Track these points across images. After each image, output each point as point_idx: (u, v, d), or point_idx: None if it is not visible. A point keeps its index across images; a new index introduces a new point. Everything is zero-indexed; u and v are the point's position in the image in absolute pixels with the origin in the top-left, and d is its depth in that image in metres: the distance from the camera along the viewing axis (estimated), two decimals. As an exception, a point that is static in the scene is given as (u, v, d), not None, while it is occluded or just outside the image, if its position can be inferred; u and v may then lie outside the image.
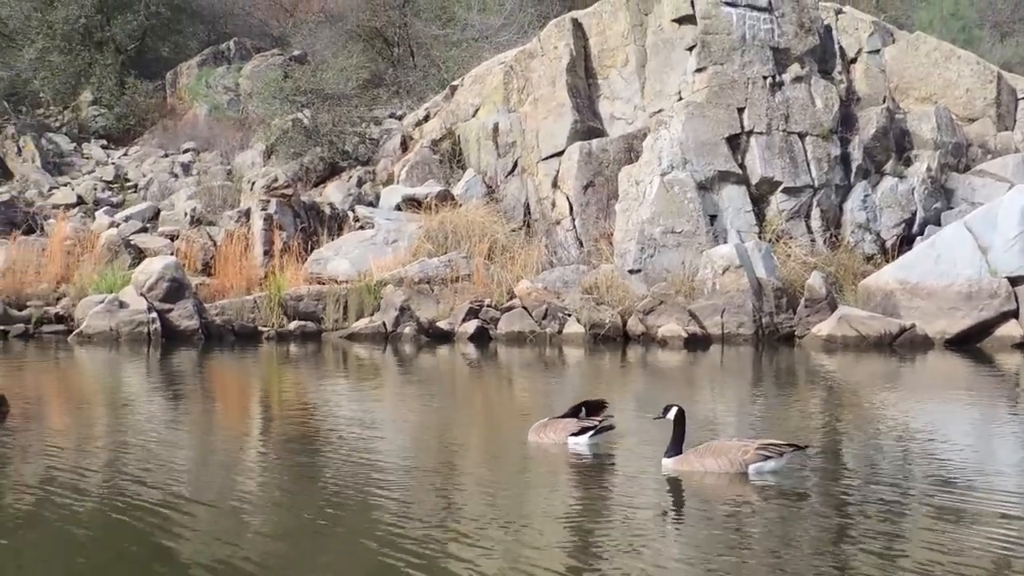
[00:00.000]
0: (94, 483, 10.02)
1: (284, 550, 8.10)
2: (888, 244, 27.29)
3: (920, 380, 20.38)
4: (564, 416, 11.98)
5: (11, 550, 8.07)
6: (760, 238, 26.07)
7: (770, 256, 25.12)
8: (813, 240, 27.00)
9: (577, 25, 30.07)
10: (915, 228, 27.50)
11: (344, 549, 8.16)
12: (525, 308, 24.78)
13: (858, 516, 9.09)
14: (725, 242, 25.59)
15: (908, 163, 28.36)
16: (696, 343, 23.75)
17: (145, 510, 9.01)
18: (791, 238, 26.69)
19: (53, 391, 17.28)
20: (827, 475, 10.81)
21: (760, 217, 26.88)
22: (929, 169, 27.98)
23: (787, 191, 27.08)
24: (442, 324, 24.78)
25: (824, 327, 23.70)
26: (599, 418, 11.82)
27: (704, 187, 26.55)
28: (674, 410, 10.72)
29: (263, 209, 27.12)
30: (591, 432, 11.61)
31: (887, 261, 26.15)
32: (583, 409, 12.01)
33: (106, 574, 7.70)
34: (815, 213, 27.17)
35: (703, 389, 18.53)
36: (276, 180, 27.93)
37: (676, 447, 10.58)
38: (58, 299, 25.30)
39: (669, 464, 10.50)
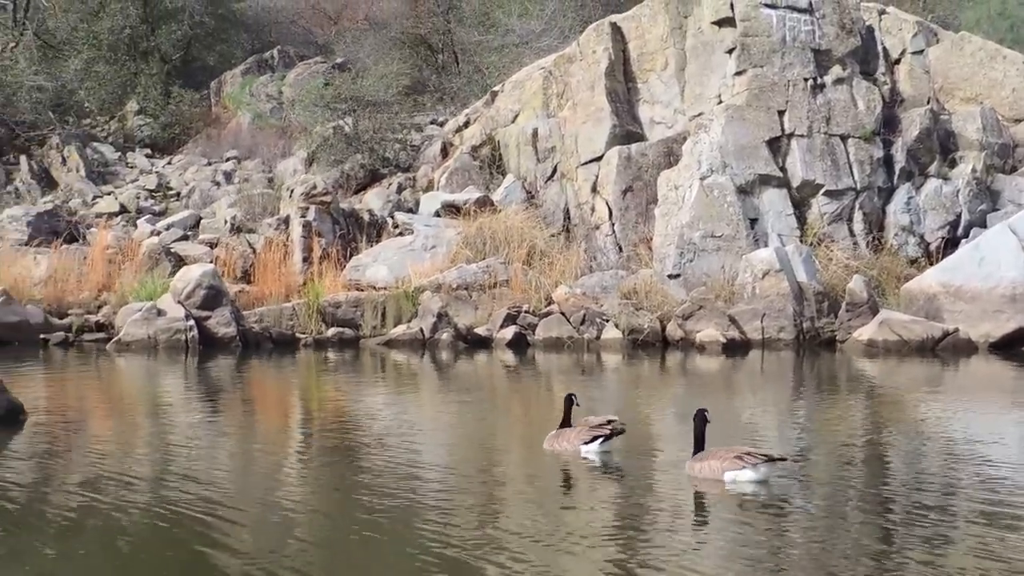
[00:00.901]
0: (137, 491, 10.06)
1: (327, 558, 8.15)
2: (932, 247, 26.91)
3: (963, 385, 20.13)
4: (565, 412, 12.05)
5: (58, 557, 8.12)
6: (801, 242, 25.80)
7: (811, 260, 24.86)
8: (855, 243, 26.68)
9: (616, 29, 29.92)
10: (960, 230, 27.09)
11: (387, 557, 8.17)
12: (563, 314, 24.65)
13: (902, 522, 9.02)
14: (766, 246, 25.34)
15: (953, 164, 27.97)
16: (735, 348, 23.50)
17: (189, 518, 9.05)
18: (833, 241, 26.40)
19: (90, 399, 17.33)
20: (871, 481, 10.74)
21: (801, 220, 26.59)
22: (974, 170, 27.58)
23: (829, 194, 26.79)
24: (480, 330, 24.68)
25: (865, 331, 23.41)
26: (610, 425, 11.73)
27: (744, 191, 26.30)
28: (696, 413, 10.82)
29: (302, 216, 27.14)
30: (601, 440, 11.54)
31: (931, 264, 25.79)
32: (573, 398, 12.13)
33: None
34: (857, 216, 26.86)
35: (744, 395, 18.39)
36: (315, 187, 27.90)
37: (697, 450, 10.71)
38: (99, 307, 25.40)
39: (685, 467, 10.68)
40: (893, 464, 11.88)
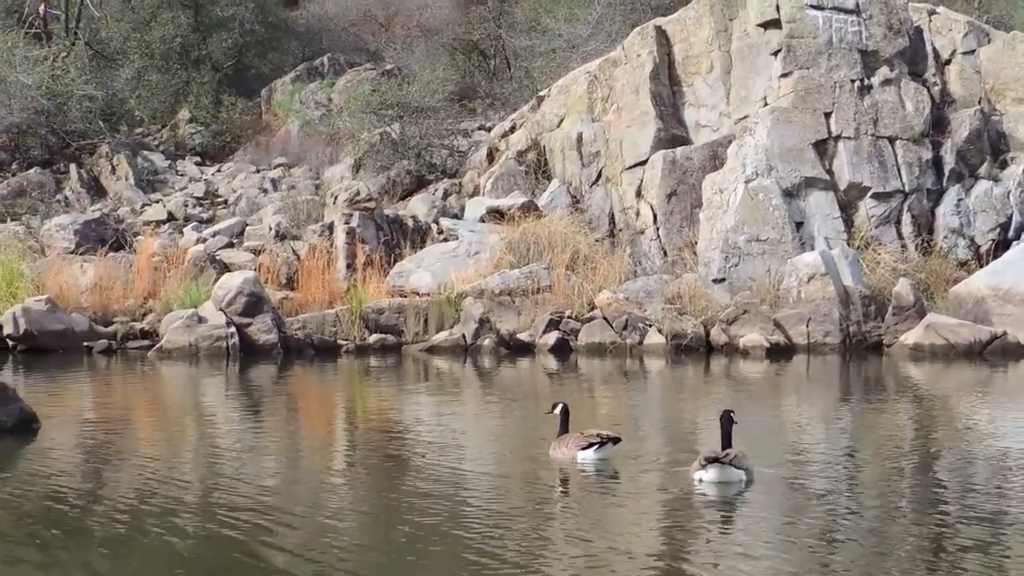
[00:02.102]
0: (186, 498, 10.21)
1: (376, 563, 8.24)
2: (983, 249, 26.49)
3: (1011, 389, 19.95)
4: (562, 421, 12.17)
5: (111, 566, 8.22)
6: (849, 245, 25.46)
7: (857, 263, 24.54)
8: (904, 246, 26.32)
9: (661, 32, 29.71)
10: (1011, 232, 26.61)
11: (436, 562, 8.21)
12: (606, 319, 24.47)
13: (951, 529, 8.97)
14: (812, 250, 25.05)
15: (1004, 166, 27.54)
16: (780, 353, 23.18)
17: (238, 524, 9.13)
18: (881, 244, 26.06)
19: (133, 407, 17.43)
20: (919, 487, 10.72)
21: (849, 224, 26.26)
22: (1026, 172, 27.15)
23: (876, 196, 26.45)
24: (522, 336, 24.55)
25: (911, 336, 23.07)
26: (605, 433, 11.78)
27: (790, 194, 26.03)
28: (723, 414, 11.01)
29: (346, 223, 27.12)
30: (596, 447, 11.57)
31: (981, 267, 25.41)
32: (557, 407, 12.33)
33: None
34: (906, 219, 26.50)
35: (789, 400, 18.31)
36: (359, 193, 27.95)
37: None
38: (144, 315, 25.46)
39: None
40: (941, 470, 11.77)
